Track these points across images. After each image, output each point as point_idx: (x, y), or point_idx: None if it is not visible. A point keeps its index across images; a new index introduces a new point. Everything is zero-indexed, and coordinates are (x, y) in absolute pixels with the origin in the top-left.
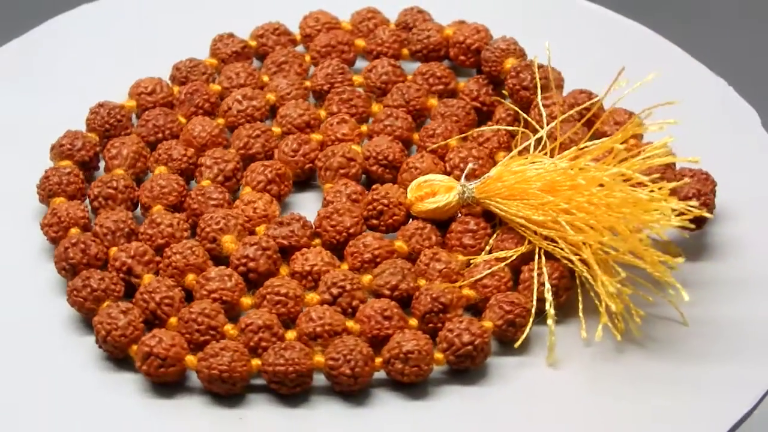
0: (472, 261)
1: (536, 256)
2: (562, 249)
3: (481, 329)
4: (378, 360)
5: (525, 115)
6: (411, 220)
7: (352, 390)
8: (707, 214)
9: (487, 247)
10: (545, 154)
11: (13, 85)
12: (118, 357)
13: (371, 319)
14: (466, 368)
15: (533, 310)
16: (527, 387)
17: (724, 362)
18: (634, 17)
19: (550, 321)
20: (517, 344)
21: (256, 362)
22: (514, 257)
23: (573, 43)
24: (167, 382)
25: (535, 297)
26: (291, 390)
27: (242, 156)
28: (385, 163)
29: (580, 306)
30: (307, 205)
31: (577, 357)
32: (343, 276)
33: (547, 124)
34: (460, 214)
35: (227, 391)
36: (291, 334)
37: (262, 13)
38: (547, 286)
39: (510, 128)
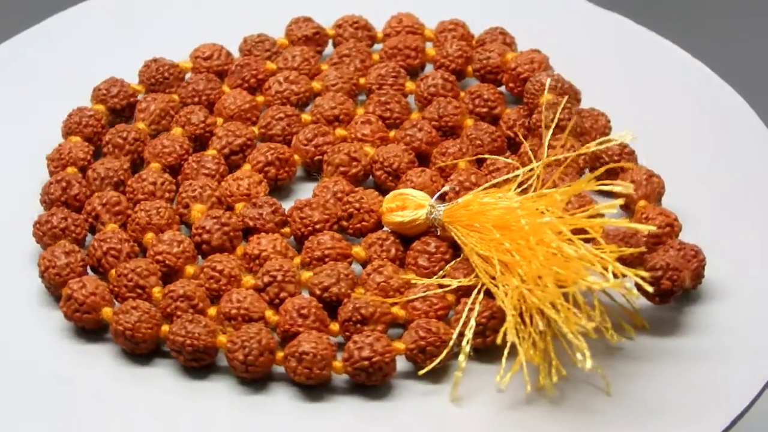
0: (413, 281)
1: (475, 291)
2: (498, 288)
3: (385, 348)
4: (280, 354)
5: (530, 152)
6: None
7: (245, 377)
8: (648, 287)
9: (441, 272)
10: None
11: (16, 76)
12: (54, 294)
13: (287, 314)
14: (363, 383)
15: (451, 343)
16: (422, 415)
17: None
18: (634, 17)
19: (461, 357)
20: (420, 372)
21: (166, 328)
22: (453, 287)
23: (572, 43)
24: (85, 328)
25: (457, 331)
26: (188, 362)
27: (262, 135)
28: (389, 170)
29: (506, 350)
30: (309, 195)
31: (485, 399)
32: (278, 267)
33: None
34: (438, 232)
35: (131, 350)
36: (213, 311)
37: (356, 7)
38: (472, 322)
39: (508, 160)
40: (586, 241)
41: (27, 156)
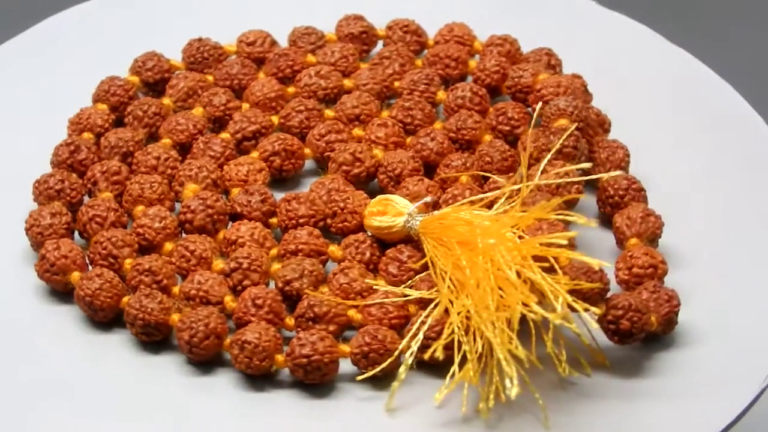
0: (376, 287)
1: (432, 305)
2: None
3: (327, 348)
4: (227, 341)
5: (525, 175)
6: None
7: (191, 358)
8: (593, 324)
9: (409, 282)
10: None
11: (34, 66)
12: (36, 252)
13: (243, 302)
14: (301, 380)
15: (396, 353)
16: (358, 419)
17: None
18: (633, 16)
19: (402, 368)
20: (359, 377)
21: (126, 300)
22: (412, 298)
23: (571, 42)
24: (57, 290)
25: (404, 342)
26: (140, 336)
27: (281, 125)
28: (391, 175)
29: (453, 368)
30: None
31: (424, 412)
32: (246, 254)
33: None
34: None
35: (91, 316)
36: (177, 289)
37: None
38: (420, 336)
39: (500, 180)
40: (549, 269)
41: (51, 121)
